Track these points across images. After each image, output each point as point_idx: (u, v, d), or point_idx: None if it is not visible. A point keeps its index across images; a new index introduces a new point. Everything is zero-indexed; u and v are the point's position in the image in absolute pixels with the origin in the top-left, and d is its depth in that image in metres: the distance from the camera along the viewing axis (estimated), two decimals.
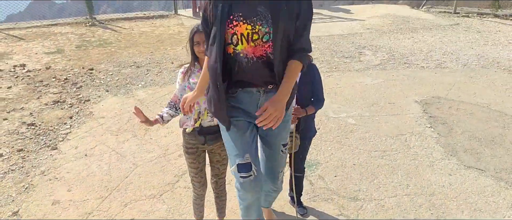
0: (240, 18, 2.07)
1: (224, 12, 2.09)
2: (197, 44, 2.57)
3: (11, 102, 5.69)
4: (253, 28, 2.07)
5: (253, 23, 2.06)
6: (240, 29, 2.07)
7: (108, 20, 10.41)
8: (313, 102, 2.97)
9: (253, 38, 2.08)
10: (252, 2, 2.08)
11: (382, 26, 9.82)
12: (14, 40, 8.70)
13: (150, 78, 6.58)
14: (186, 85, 2.67)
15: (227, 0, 2.09)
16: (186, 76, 2.68)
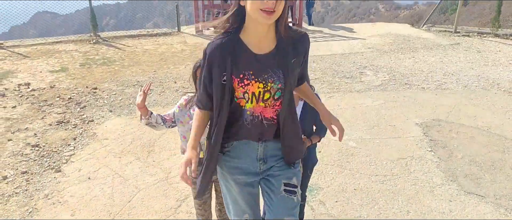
0: (251, 76, 2.00)
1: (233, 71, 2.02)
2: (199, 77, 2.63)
3: (16, 123, 5.76)
4: (265, 86, 2.01)
5: (265, 81, 2.00)
6: (252, 88, 2.01)
7: (112, 37, 10.53)
8: (316, 131, 3.02)
9: (264, 97, 2.04)
10: (263, 59, 2.02)
11: (383, 45, 9.91)
12: (19, 58, 8.80)
13: (153, 98, 6.64)
14: (187, 113, 2.78)
15: (234, 59, 2.01)
16: (188, 105, 2.78)
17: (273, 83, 2.01)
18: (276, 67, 2.01)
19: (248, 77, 2.00)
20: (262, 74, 2.00)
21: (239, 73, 1.99)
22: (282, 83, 2.02)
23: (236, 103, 2.06)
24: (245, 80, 2.00)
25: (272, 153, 2.21)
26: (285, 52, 2.03)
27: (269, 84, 2.01)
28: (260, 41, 2.01)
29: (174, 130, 2.97)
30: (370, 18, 57.88)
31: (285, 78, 2.01)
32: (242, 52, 2.01)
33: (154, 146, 5.12)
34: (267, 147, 2.18)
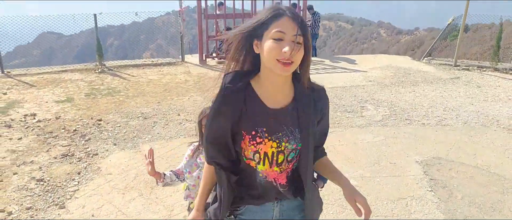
0: (265, 134, 1.77)
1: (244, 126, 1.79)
2: (205, 126, 2.73)
3: (21, 155, 5.84)
4: (279, 145, 1.79)
5: (279, 140, 1.78)
6: (264, 147, 1.78)
7: (117, 66, 10.71)
8: (320, 177, 3.09)
9: (278, 161, 1.81)
10: (278, 115, 1.79)
11: (384, 78, 10.05)
12: (26, 87, 8.96)
13: (157, 131, 6.74)
14: (194, 162, 2.89)
15: (245, 112, 1.79)
16: (195, 154, 2.89)
17: (287, 143, 1.79)
18: (292, 125, 1.79)
19: (261, 135, 1.77)
20: (276, 132, 1.77)
21: (251, 129, 1.76)
22: (298, 144, 1.81)
23: (245, 163, 1.85)
24: (258, 138, 1.77)
25: (289, 213, 2.00)
26: (303, 107, 1.81)
27: (283, 144, 1.79)
28: (276, 94, 1.80)
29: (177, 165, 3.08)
30: (372, 43, 58.41)
31: (302, 138, 1.80)
32: (255, 104, 1.78)
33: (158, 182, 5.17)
34: (283, 206, 1.97)
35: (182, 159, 3.04)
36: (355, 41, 63.76)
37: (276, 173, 1.85)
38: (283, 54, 1.60)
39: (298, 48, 1.63)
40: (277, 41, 1.63)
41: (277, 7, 1.70)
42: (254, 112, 1.78)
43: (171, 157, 5.80)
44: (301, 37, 1.64)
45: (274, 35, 1.64)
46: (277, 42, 1.63)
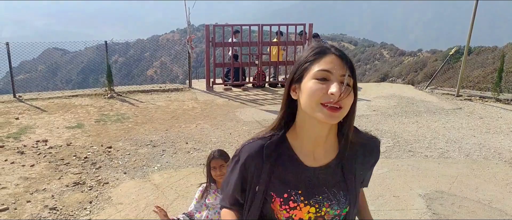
0: (300, 198, 1.49)
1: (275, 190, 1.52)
2: (213, 169, 2.99)
3: (34, 183, 6.01)
4: (318, 210, 1.50)
5: (319, 205, 1.49)
6: (299, 213, 1.49)
7: (126, 92, 10.95)
8: None
9: None
10: (318, 175, 1.52)
11: (387, 108, 10.23)
12: (37, 112, 9.17)
13: (166, 160, 6.90)
14: (203, 203, 3.08)
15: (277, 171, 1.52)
16: (204, 196, 3.08)
17: (330, 209, 1.50)
18: (336, 187, 1.52)
19: (295, 199, 1.49)
20: (315, 196, 1.49)
21: (283, 192, 1.49)
22: (343, 209, 1.52)
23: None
24: (291, 203, 1.49)
25: None
26: (350, 165, 1.54)
27: (324, 209, 1.49)
28: (316, 149, 1.51)
29: (185, 195, 3.26)
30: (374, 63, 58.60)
31: (349, 202, 1.52)
32: (289, 162, 1.51)
33: (167, 211, 5.30)
34: None
35: (190, 189, 3.25)
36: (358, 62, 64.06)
37: None
38: (330, 96, 1.31)
39: (348, 91, 1.36)
40: (322, 82, 1.35)
41: (321, 44, 1.46)
42: (288, 171, 1.51)
43: (179, 186, 5.95)
44: (350, 78, 1.38)
45: (318, 75, 1.36)
46: (322, 83, 1.35)
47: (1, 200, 5.50)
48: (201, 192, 3.11)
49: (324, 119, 1.34)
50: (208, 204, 3.04)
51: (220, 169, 2.95)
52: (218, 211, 2.96)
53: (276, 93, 11.66)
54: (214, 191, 3.04)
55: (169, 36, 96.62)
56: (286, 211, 1.50)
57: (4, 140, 7.50)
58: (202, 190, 3.12)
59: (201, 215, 3.08)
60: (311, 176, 1.51)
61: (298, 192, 1.49)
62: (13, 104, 9.75)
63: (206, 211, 3.07)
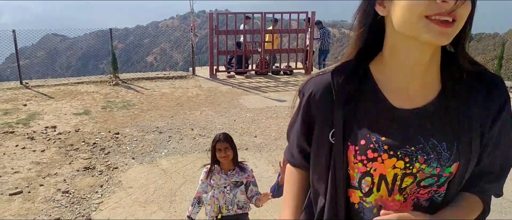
0: (383, 146, 1.11)
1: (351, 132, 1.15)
2: (218, 150, 3.17)
3: (46, 167, 6.19)
4: (409, 166, 1.10)
5: (410, 158, 1.10)
6: (381, 167, 1.12)
7: (130, 79, 11.09)
8: None
9: (402, 186, 1.13)
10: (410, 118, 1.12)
11: None
12: (44, 99, 9.33)
13: (172, 146, 7.07)
14: (208, 183, 3.29)
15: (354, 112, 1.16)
16: (209, 176, 3.28)
17: (425, 165, 1.09)
18: (437, 135, 1.10)
19: (376, 147, 1.12)
20: (406, 146, 1.10)
21: (359, 137, 1.14)
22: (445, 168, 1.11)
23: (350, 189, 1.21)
24: (370, 152, 1.12)
25: None
26: (462, 106, 1.11)
27: (416, 165, 1.10)
28: (410, 84, 1.14)
29: (192, 179, 3.50)
30: None
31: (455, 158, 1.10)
32: (371, 101, 1.16)
33: (175, 196, 5.51)
34: None
35: (197, 174, 3.49)
36: None
37: (396, 202, 1.16)
38: (441, 5, 0.94)
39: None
40: None
41: None
42: (367, 112, 1.15)
43: (187, 171, 6.13)
44: None
45: None
46: None
47: (15, 183, 5.69)
48: (205, 173, 3.30)
49: (432, 38, 0.97)
50: (213, 184, 3.24)
51: (225, 152, 3.13)
52: (222, 190, 3.22)
53: (279, 80, 11.79)
54: (218, 172, 3.25)
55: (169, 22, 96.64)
56: (362, 164, 1.13)
57: (14, 126, 7.67)
58: (206, 171, 3.31)
59: (207, 195, 3.28)
60: (402, 120, 1.12)
61: (381, 138, 1.11)
62: (20, 91, 9.89)
63: (211, 190, 3.26)
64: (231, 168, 3.27)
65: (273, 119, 8.44)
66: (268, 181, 5.82)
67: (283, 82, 11.62)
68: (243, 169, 3.32)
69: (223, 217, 3.26)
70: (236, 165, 3.29)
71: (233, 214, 3.27)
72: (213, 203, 3.24)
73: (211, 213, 3.27)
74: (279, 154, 6.81)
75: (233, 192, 3.23)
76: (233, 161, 3.25)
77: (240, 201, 3.26)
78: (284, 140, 7.31)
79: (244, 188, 3.29)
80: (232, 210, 3.25)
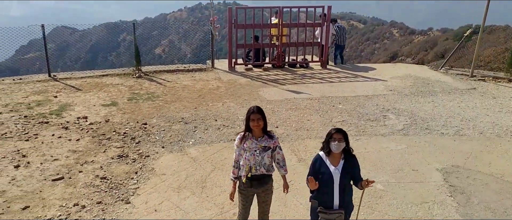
0: None
1: None
2: (252, 120, 3.90)
3: (82, 155, 6.58)
4: None
5: None
6: None
7: (152, 72, 11.46)
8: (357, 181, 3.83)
9: None
10: None
11: (403, 88, 10.63)
12: (73, 91, 9.73)
13: (199, 135, 7.42)
14: (242, 147, 4.00)
15: None
16: (243, 141, 3.99)
17: None
18: None
19: None
20: None
21: None
22: None
23: None
24: None
25: None
26: None
27: None
28: None
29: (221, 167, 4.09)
30: (384, 42, 58.29)
31: None
32: None
33: (206, 182, 5.87)
34: None
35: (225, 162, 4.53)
36: (367, 41, 63.66)
37: None
38: None
39: None
40: None
41: None
42: None
43: (215, 159, 6.48)
44: None
45: None
46: None
47: (56, 170, 6.09)
48: (239, 139, 4.01)
49: None
50: (246, 148, 3.95)
51: (257, 121, 3.87)
52: (253, 153, 3.94)
53: (295, 73, 12.08)
54: (250, 138, 3.96)
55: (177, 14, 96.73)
56: None
57: (47, 116, 8.07)
58: (240, 137, 4.02)
59: (242, 158, 4.01)
60: None
61: None
62: (49, 83, 10.30)
63: (244, 153, 3.98)
64: (261, 135, 3.97)
65: (293, 110, 8.75)
66: (291, 170, 6.16)
67: (299, 75, 11.91)
68: (271, 136, 4.03)
69: (252, 175, 3.94)
70: (265, 133, 4.00)
71: (260, 173, 3.98)
72: (245, 164, 3.97)
73: (243, 172, 3.99)
74: (300, 144, 7.14)
75: (262, 155, 3.95)
76: (263, 129, 3.95)
77: (266, 164, 3.98)
78: (304, 130, 7.67)
79: (271, 152, 4.01)
80: (260, 171, 3.96)
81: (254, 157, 3.94)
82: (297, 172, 6.11)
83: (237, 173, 4.10)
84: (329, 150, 3.75)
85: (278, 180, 5.04)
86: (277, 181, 4.75)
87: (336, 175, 3.72)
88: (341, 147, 3.72)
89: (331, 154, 3.77)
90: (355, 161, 3.87)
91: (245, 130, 4.00)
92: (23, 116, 8.05)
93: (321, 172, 3.76)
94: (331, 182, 3.72)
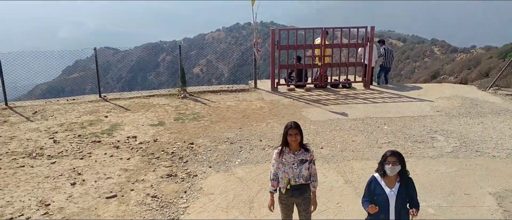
0: None
1: None
2: (290, 135, 4.14)
3: (133, 174, 6.80)
4: None
5: None
6: None
7: (197, 92, 11.75)
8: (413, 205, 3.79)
9: None
10: None
11: (451, 109, 10.38)
12: (122, 111, 10.12)
13: (244, 156, 7.52)
14: (280, 161, 4.26)
15: None
16: (280, 156, 4.26)
17: None
18: None
19: None
20: None
21: None
22: None
23: None
24: None
25: None
26: None
27: None
28: None
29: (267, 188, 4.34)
30: (425, 61, 57.11)
31: None
32: None
33: (253, 202, 5.94)
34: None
35: None
36: (407, 59, 62.54)
37: None
38: None
39: None
40: None
41: None
42: None
43: (261, 180, 6.55)
44: None
45: None
46: None
47: (109, 188, 6.33)
48: (277, 154, 4.28)
49: None
50: (284, 161, 4.22)
51: (295, 136, 4.11)
52: (291, 166, 4.20)
53: (338, 94, 12.05)
54: (288, 152, 4.21)
55: (215, 34, 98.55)
56: None
57: (99, 136, 8.42)
58: (278, 152, 4.29)
59: (280, 171, 4.26)
60: None
61: None
62: (100, 104, 10.75)
63: (283, 167, 4.25)
64: (297, 149, 4.23)
65: (337, 131, 8.72)
66: (338, 191, 6.14)
67: (342, 95, 11.86)
68: (307, 150, 4.28)
69: (291, 186, 4.22)
70: (301, 147, 4.25)
71: (299, 184, 4.24)
72: (284, 177, 4.24)
73: (282, 184, 4.27)
74: (346, 165, 7.10)
75: (299, 167, 4.21)
76: (299, 143, 4.21)
77: (304, 175, 4.24)
78: (349, 151, 7.63)
79: (308, 164, 4.24)
80: (298, 182, 4.23)
81: (292, 170, 4.21)
82: (344, 194, 6.07)
83: (275, 185, 4.37)
84: (384, 172, 3.75)
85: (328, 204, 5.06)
86: (326, 205, 4.75)
87: (391, 198, 3.71)
88: (396, 170, 3.72)
89: (386, 175, 3.77)
90: (412, 184, 3.84)
91: (282, 144, 4.27)
92: (77, 135, 8.43)
93: (377, 194, 3.76)
94: (386, 204, 3.70)
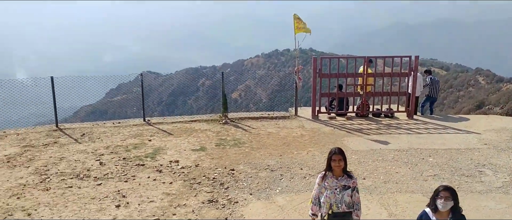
0: None
1: None
2: (333, 161, 4.21)
3: (175, 198, 6.90)
4: None
5: None
6: None
7: (237, 118, 11.89)
8: None
9: None
10: None
11: (499, 142, 9.98)
12: (165, 135, 10.35)
13: (285, 184, 7.49)
14: (323, 186, 4.31)
15: None
16: (323, 180, 4.32)
17: None
18: None
19: None
20: None
21: None
22: None
23: None
24: None
25: None
26: None
27: None
28: None
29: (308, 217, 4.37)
30: (469, 90, 55.43)
31: None
32: None
33: None
34: None
35: None
36: (450, 88, 60.85)
37: None
38: None
39: None
40: None
41: None
42: None
43: (302, 209, 6.48)
44: None
45: None
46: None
47: (152, 211, 6.44)
48: (320, 178, 4.34)
49: None
50: (326, 186, 4.27)
51: (338, 162, 4.17)
52: (334, 192, 4.23)
53: (381, 123, 11.85)
54: (330, 177, 4.27)
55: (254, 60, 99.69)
56: None
57: (143, 159, 8.63)
58: (321, 176, 4.34)
59: (322, 196, 4.29)
60: None
61: None
62: (144, 127, 11.07)
63: (325, 191, 4.28)
64: (341, 174, 4.27)
65: (379, 162, 8.55)
66: None
67: (385, 125, 11.66)
68: (350, 176, 4.30)
69: (333, 212, 4.23)
70: (345, 173, 4.29)
71: (341, 211, 4.24)
72: (326, 201, 4.26)
73: (324, 209, 4.28)
74: (390, 197, 6.93)
75: (342, 193, 4.22)
76: (343, 169, 4.26)
77: (346, 202, 4.23)
78: (393, 183, 7.45)
79: (351, 191, 4.24)
80: (341, 208, 4.22)
81: (334, 195, 4.24)
82: None
83: (315, 209, 4.42)
84: (435, 207, 3.66)
85: None
86: None
87: None
88: (448, 206, 3.62)
89: (437, 211, 3.67)
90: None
91: (326, 169, 4.33)
92: (122, 158, 8.68)
93: None
94: None
